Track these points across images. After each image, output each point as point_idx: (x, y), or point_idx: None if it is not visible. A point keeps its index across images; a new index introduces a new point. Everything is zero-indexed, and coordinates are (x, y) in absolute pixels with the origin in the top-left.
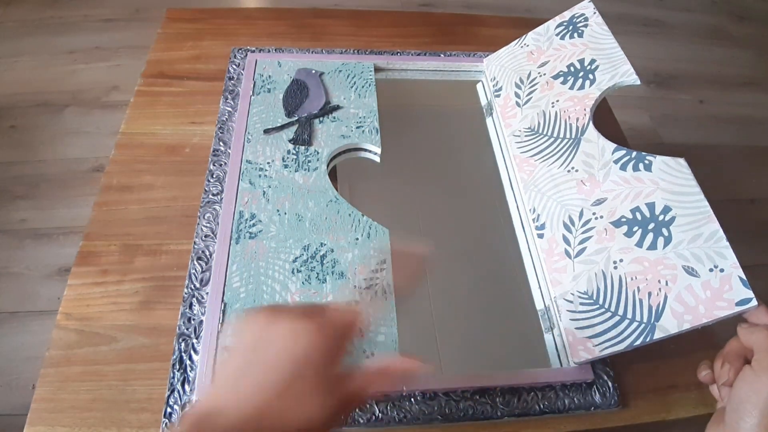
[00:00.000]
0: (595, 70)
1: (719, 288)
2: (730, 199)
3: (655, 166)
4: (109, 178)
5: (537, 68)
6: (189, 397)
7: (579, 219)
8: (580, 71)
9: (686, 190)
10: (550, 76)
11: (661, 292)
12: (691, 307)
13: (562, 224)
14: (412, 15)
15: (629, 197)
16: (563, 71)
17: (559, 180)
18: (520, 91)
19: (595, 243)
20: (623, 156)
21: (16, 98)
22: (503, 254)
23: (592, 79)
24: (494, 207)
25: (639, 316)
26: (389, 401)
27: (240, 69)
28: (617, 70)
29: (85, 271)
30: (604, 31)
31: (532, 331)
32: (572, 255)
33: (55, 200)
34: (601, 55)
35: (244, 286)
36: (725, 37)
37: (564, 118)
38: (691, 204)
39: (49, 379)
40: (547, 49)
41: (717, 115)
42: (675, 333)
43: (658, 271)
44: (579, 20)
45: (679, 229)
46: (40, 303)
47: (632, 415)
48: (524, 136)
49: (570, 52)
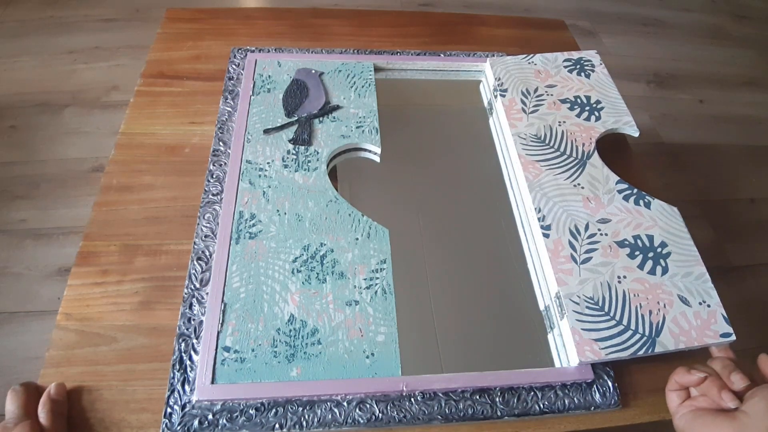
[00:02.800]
0: (601, 110)
1: (707, 319)
2: (729, 198)
3: (654, 206)
4: (109, 179)
5: (544, 87)
6: (189, 397)
7: (585, 231)
8: (587, 105)
9: (679, 233)
10: (557, 99)
11: (660, 313)
12: (684, 330)
13: (568, 230)
14: (411, 15)
15: (631, 225)
16: (570, 99)
17: (565, 190)
18: (527, 100)
19: (600, 256)
20: (625, 189)
21: (17, 98)
22: (504, 254)
23: (597, 116)
24: (495, 207)
25: (641, 329)
26: (389, 401)
27: (240, 69)
28: (620, 118)
29: (85, 271)
30: (609, 81)
31: (533, 331)
32: (578, 261)
33: (55, 200)
34: (606, 101)
35: (244, 287)
36: (725, 36)
37: (571, 139)
38: (683, 246)
39: (50, 379)
40: (555, 75)
41: (717, 115)
42: (672, 350)
43: (657, 294)
44: (586, 64)
45: (674, 263)
46: (40, 303)
47: (632, 415)
48: (530, 140)
49: (577, 86)
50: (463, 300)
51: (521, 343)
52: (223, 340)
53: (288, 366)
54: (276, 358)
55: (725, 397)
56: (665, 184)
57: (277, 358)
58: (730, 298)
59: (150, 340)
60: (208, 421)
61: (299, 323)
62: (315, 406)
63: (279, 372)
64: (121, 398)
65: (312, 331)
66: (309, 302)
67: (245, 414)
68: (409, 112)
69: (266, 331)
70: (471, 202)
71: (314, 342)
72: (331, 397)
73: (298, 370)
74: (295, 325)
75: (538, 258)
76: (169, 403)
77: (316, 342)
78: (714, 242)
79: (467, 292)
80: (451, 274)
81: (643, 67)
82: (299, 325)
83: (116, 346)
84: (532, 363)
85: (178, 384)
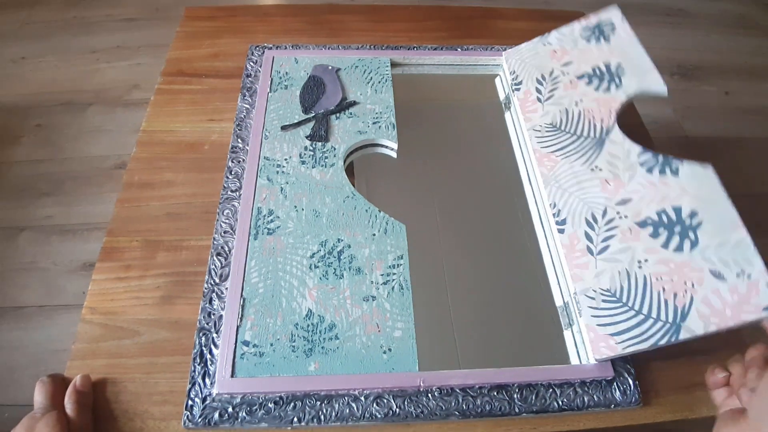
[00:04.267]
0: (622, 75)
1: (746, 293)
2: (757, 193)
3: (682, 171)
4: (130, 176)
5: (560, 66)
6: (209, 390)
7: (602, 217)
8: (606, 74)
9: (713, 197)
10: (574, 76)
11: (687, 294)
12: (717, 309)
13: (584, 221)
14: (428, 9)
15: (655, 200)
16: (588, 72)
17: (582, 177)
18: (542, 87)
19: (618, 242)
20: (649, 159)
21: (42, 97)
22: (522, 250)
23: (617, 83)
24: (512, 202)
25: (664, 316)
26: (406, 396)
27: (257, 66)
28: (645, 77)
29: (109, 266)
30: (631, 38)
31: (551, 328)
32: (595, 252)
33: (79, 197)
34: (628, 62)
35: (263, 282)
36: (752, 26)
37: (588, 117)
38: (717, 211)
39: (76, 371)
40: (572, 50)
41: (744, 107)
42: (701, 334)
43: (684, 273)
44: (605, 26)
45: (706, 234)
46: (65, 297)
47: (654, 414)
48: (545, 131)
49: (596, 55)
50: (480, 295)
51: (539, 340)
52: (243, 334)
53: (306, 360)
54: (294, 353)
55: (739, 397)
56: None
57: (295, 352)
58: None
59: (171, 334)
60: (228, 413)
61: (317, 318)
62: (333, 400)
63: (297, 366)
64: (144, 390)
65: (329, 326)
66: (326, 297)
67: (264, 407)
68: (426, 107)
69: (284, 325)
70: (488, 197)
71: (332, 337)
72: (349, 391)
73: (316, 365)
74: (312, 320)
75: (557, 254)
76: (191, 396)
77: (334, 337)
78: None
79: (484, 288)
80: (468, 270)
81: (667, 58)
82: (317, 320)
83: (139, 340)
84: (550, 360)
85: (199, 377)
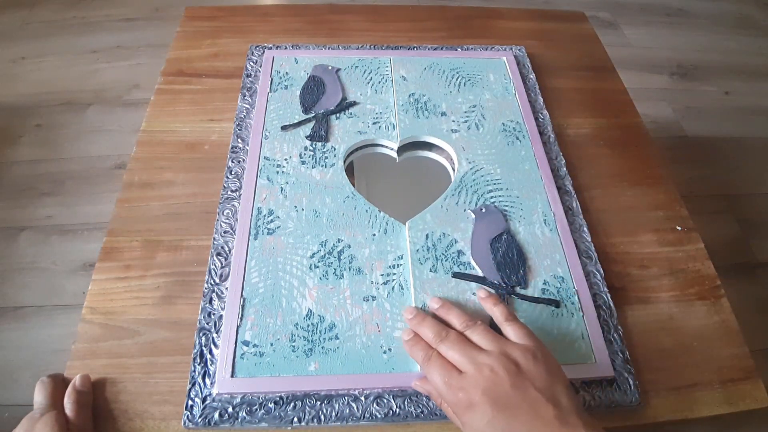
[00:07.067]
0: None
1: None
2: (756, 193)
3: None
4: (130, 176)
5: None
6: (209, 390)
7: None
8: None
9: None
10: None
11: None
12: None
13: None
14: (428, 9)
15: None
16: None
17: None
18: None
19: None
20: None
21: (42, 98)
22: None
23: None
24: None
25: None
26: (406, 396)
27: (257, 66)
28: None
29: (109, 266)
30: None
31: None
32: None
33: (79, 197)
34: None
35: (263, 282)
36: (752, 26)
37: None
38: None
39: (76, 371)
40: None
41: (743, 107)
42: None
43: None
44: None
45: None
46: (66, 297)
47: (654, 413)
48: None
49: None
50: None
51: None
52: (243, 334)
53: (306, 360)
54: (294, 353)
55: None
56: (689, 178)
57: (295, 352)
58: (755, 294)
59: (171, 334)
60: (228, 413)
61: (317, 318)
62: (333, 400)
63: (297, 366)
64: (144, 390)
65: (330, 326)
66: (326, 297)
67: (264, 407)
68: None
69: (284, 325)
70: None
71: (332, 337)
72: (349, 391)
73: (316, 365)
74: (312, 320)
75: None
76: (191, 396)
77: (334, 337)
78: (739, 238)
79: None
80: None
81: (666, 58)
82: (317, 320)
83: (139, 340)
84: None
85: (199, 377)
